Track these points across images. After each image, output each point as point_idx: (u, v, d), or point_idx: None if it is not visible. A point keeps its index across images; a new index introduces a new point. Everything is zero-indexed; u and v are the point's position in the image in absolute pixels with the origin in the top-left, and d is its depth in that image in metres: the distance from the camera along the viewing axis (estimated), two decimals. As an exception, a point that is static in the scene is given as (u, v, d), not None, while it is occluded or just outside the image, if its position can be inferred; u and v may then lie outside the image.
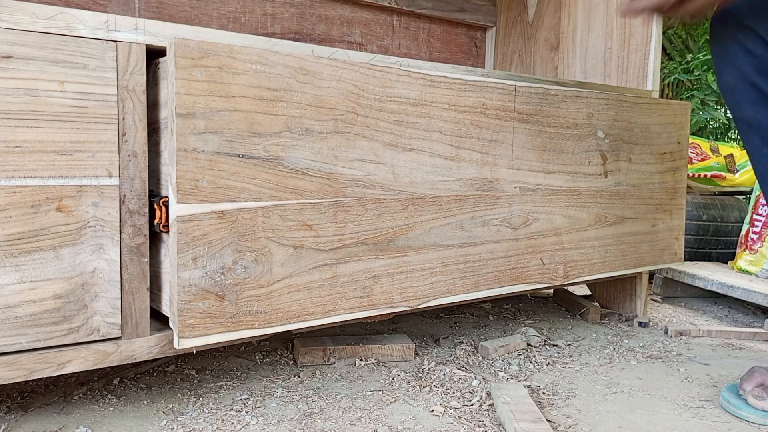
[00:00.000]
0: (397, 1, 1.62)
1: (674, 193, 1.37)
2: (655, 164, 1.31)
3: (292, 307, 0.83)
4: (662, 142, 1.32)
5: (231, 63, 0.75)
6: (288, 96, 0.80)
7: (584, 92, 1.16)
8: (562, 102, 1.12)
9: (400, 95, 0.91)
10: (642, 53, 1.41)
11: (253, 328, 0.80)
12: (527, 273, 1.11)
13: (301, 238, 0.83)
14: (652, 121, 1.30)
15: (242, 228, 0.78)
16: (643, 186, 1.30)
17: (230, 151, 0.76)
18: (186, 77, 0.72)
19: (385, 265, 0.92)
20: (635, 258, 1.30)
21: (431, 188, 0.96)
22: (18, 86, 0.68)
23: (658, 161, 1.32)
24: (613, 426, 0.90)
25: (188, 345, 0.75)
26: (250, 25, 1.43)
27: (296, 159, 0.82)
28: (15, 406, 0.88)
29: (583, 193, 1.18)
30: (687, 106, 1.38)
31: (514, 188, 1.07)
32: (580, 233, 1.19)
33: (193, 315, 0.75)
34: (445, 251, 0.99)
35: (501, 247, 1.06)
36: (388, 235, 0.92)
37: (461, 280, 1.01)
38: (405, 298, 0.95)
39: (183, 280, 0.74)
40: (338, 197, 0.86)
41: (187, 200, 0.73)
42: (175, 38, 0.71)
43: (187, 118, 0.72)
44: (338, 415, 0.89)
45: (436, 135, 0.96)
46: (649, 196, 1.31)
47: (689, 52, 2.98)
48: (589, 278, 1.22)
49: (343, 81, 0.85)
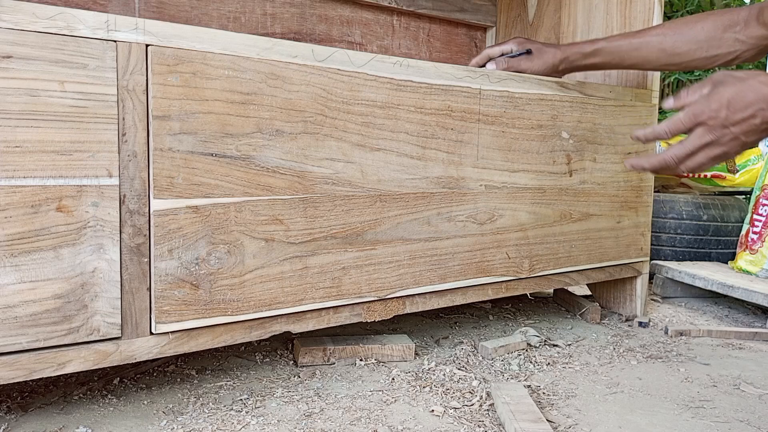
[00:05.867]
0: (397, 1, 1.62)
1: (640, 191, 1.41)
2: (620, 163, 1.35)
3: (264, 296, 0.88)
4: (628, 143, 1.36)
5: (204, 69, 0.80)
6: (259, 99, 0.85)
7: (548, 95, 1.19)
8: (527, 104, 1.16)
9: (368, 98, 0.95)
10: (642, 53, 1.41)
11: (227, 314, 0.85)
12: (493, 266, 1.15)
13: (273, 231, 0.88)
14: (618, 122, 1.33)
15: (216, 222, 0.83)
16: (608, 184, 1.33)
17: (204, 151, 0.81)
18: (162, 82, 0.77)
19: (353, 258, 0.96)
20: (600, 253, 1.34)
21: (398, 186, 1.00)
22: (18, 86, 0.68)
23: (624, 161, 1.35)
24: (613, 426, 0.90)
25: (164, 330, 0.80)
26: (250, 24, 1.43)
27: (267, 158, 0.86)
28: (15, 406, 0.88)
29: (548, 191, 1.22)
30: (653, 108, 1.40)
31: (480, 186, 1.11)
32: (545, 229, 1.23)
33: (169, 302, 0.80)
34: (412, 245, 1.03)
35: (467, 242, 1.10)
36: (357, 229, 0.96)
37: (428, 272, 1.06)
38: (373, 289, 0.99)
39: (159, 269, 0.79)
40: (308, 194, 0.91)
41: (163, 196, 0.78)
42: (151, 46, 0.76)
43: (163, 120, 0.77)
44: (338, 415, 0.89)
45: (403, 136, 1.00)
46: (615, 194, 1.35)
47: (689, 52, 2.98)
48: (554, 272, 1.26)
49: (312, 85, 0.89)
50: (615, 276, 1.40)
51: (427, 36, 1.72)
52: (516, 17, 1.79)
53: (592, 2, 1.53)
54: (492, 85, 1.10)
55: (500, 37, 1.83)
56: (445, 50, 1.77)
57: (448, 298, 1.11)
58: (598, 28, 1.51)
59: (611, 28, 1.48)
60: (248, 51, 0.84)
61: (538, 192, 1.20)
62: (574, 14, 1.59)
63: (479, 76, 1.09)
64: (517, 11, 1.78)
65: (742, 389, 1.06)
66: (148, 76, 0.76)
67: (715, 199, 1.94)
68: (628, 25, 1.43)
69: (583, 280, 1.34)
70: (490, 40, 1.85)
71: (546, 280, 1.26)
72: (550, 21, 1.67)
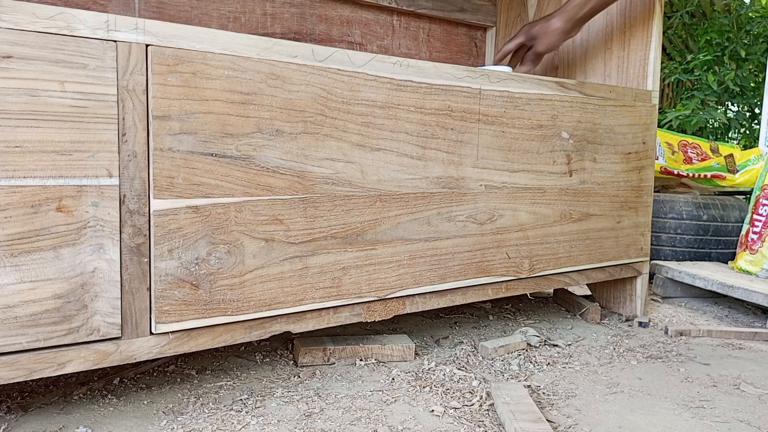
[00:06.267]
0: (397, 1, 1.62)
1: (640, 191, 1.41)
2: (620, 164, 1.35)
3: (264, 296, 0.88)
4: (627, 143, 1.36)
5: (204, 69, 0.80)
6: (259, 99, 0.85)
7: (548, 95, 1.19)
8: (527, 104, 1.16)
9: (368, 98, 0.95)
10: (642, 53, 1.41)
11: (227, 314, 0.85)
12: (493, 266, 1.15)
13: (273, 231, 0.88)
14: (617, 122, 1.33)
15: (216, 222, 0.83)
16: (608, 184, 1.34)
17: (204, 151, 0.81)
18: (162, 82, 0.77)
19: (353, 258, 0.96)
20: (600, 253, 1.34)
21: (398, 186, 1.00)
22: (18, 86, 0.68)
23: (624, 161, 1.36)
24: (613, 426, 0.90)
25: (164, 330, 0.80)
26: (250, 24, 1.43)
27: (267, 158, 0.86)
28: (15, 406, 0.88)
29: (548, 191, 1.22)
30: (653, 108, 1.41)
31: (480, 186, 1.11)
32: (545, 229, 1.23)
33: (169, 302, 0.80)
34: (412, 245, 1.03)
35: (467, 242, 1.11)
36: (357, 229, 0.96)
37: (428, 272, 1.06)
38: (373, 289, 1.00)
39: (159, 269, 0.79)
40: (308, 194, 0.91)
41: (163, 196, 0.78)
42: (151, 46, 0.76)
43: (163, 120, 0.77)
44: (338, 415, 0.89)
45: (403, 136, 1.00)
46: (615, 193, 1.35)
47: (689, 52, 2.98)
48: (554, 272, 1.26)
49: (312, 85, 0.90)
50: (615, 276, 1.40)
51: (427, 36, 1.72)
52: (516, 17, 1.79)
53: (592, 2, 1.53)
54: (492, 85, 1.10)
55: (500, 36, 1.83)
56: (445, 50, 1.77)
57: (448, 298, 1.11)
58: (598, 27, 1.51)
59: (611, 28, 1.48)
60: (248, 51, 0.84)
61: (538, 192, 1.20)
62: (574, 14, 1.59)
63: (479, 76, 1.09)
64: (517, 11, 1.78)
65: (742, 389, 1.06)
66: (148, 76, 0.76)
67: (715, 199, 1.94)
68: (628, 24, 1.43)
69: (583, 280, 1.34)
70: (490, 40, 1.85)
71: (546, 280, 1.26)
72: (550, 21, 1.67)
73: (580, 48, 1.57)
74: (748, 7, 2.91)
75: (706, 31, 2.86)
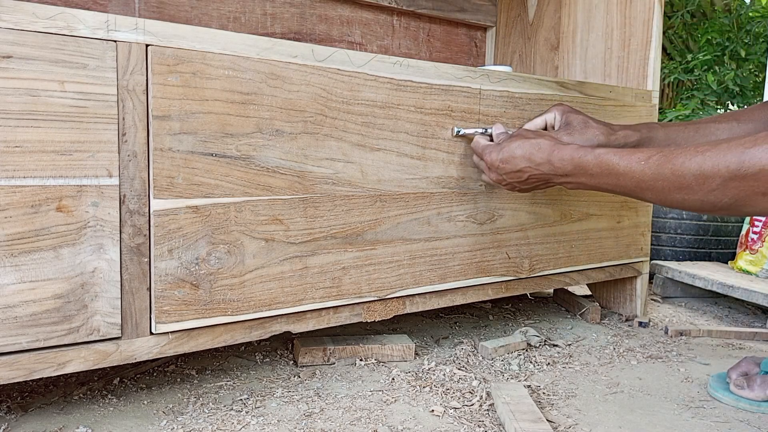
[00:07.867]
0: (397, 1, 1.62)
1: None
2: None
3: (264, 296, 0.88)
4: None
5: (204, 69, 0.80)
6: (259, 99, 0.85)
7: (548, 95, 1.19)
8: (527, 104, 1.16)
9: (368, 98, 0.95)
10: (642, 53, 1.41)
11: (227, 314, 0.85)
12: (493, 266, 1.15)
13: (273, 231, 0.88)
14: (618, 122, 1.32)
15: (216, 222, 0.83)
16: None
17: (204, 151, 0.81)
18: (162, 82, 0.77)
19: (353, 258, 0.96)
20: (600, 253, 1.34)
21: (398, 186, 1.00)
22: (18, 86, 0.68)
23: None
24: (613, 426, 0.90)
25: (164, 330, 0.80)
26: (250, 24, 1.43)
27: (267, 158, 0.86)
28: (15, 406, 0.88)
29: (548, 191, 1.22)
30: (653, 108, 1.41)
31: (480, 186, 1.11)
32: (545, 229, 1.23)
33: (169, 302, 0.80)
34: (412, 245, 1.03)
35: (467, 242, 1.11)
36: (357, 229, 0.96)
37: (428, 272, 1.06)
38: (373, 289, 1.00)
39: (159, 269, 0.79)
40: (308, 194, 0.91)
41: (163, 196, 0.78)
42: (151, 46, 0.76)
43: (163, 120, 0.77)
44: (338, 415, 0.89)
45: (403, 136, 1.00)
46: None
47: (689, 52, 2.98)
48: (554, 272, 1.26)
49: (312, 85, 0.89)
50: (615, 276, 1.40)
51: (427, 36, 1.72)
52: (516, 17, 1.79)
53: (592, 2, 1.53)
54: (492, 85, 1.10)
55: (500, 37, 1.83)
56: (445, 50, 1.77)
57: (448, 298, 1.11)
58: (598, 28, 1.51)
59: (611, 27, 1.48)
60: (248, 51, 0.84)
61: (538, 191, 1.20)
62: (574, 14, 1.59)
63: (479, 76, 1.09)
64: (517, 11, 1.78)
65: (742, 389, 1.07)
66: (148, 76, 0.76)
67: (715, 199, 1.94)
68: (628, 24, 1.43)
69: (583, 280, 1.34)
70: (490, 40, 1.85)
71: (546, 280, 1.26)
72: (550, 21, 1.68)
73: (580, 48, 1.58)
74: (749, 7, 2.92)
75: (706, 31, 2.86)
